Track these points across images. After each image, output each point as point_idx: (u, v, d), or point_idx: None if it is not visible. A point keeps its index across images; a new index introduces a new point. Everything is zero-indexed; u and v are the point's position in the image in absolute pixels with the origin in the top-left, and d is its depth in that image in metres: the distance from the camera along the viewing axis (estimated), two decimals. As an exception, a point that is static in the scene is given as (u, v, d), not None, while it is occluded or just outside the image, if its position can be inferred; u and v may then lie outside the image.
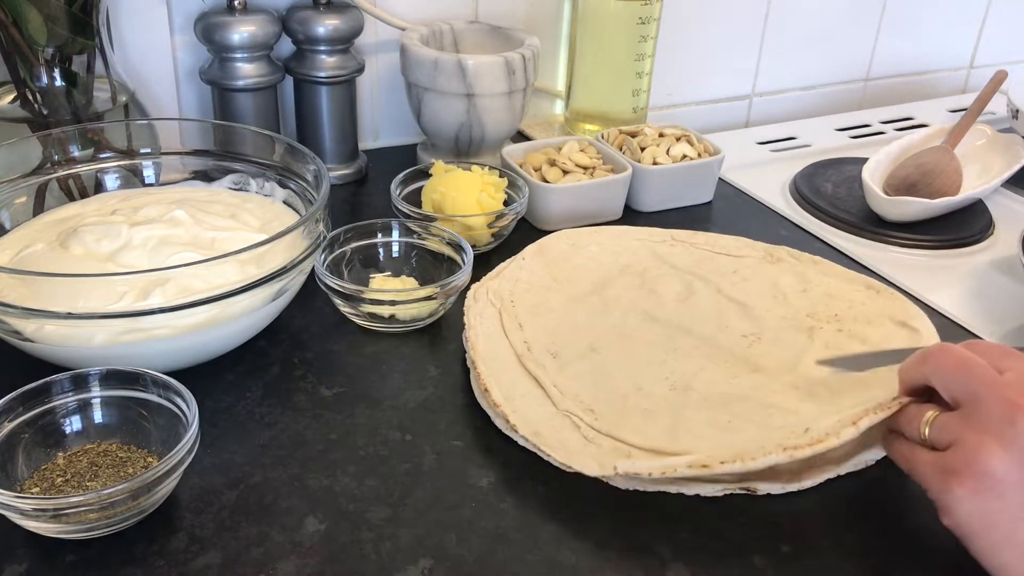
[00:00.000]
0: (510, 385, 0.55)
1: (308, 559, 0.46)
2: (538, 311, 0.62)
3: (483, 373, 0.56)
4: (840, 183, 0.89)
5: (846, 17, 1.11)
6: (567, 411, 0.53)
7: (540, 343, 0.59)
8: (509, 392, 0.55)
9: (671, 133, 0.84)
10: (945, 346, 0.47)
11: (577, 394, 0.55)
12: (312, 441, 0.53)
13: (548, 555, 0.47)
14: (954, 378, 0.45)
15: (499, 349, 0.58)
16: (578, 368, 0.57)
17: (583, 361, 0.58)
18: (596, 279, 0.66)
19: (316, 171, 0.63)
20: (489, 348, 0.58)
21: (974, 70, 1.25)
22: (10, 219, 0.63)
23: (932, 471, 0.45)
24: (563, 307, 0.63)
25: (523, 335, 0.59)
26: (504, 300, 0.62)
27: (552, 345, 0.59)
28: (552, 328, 0.61)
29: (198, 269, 0.53)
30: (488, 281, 0.64)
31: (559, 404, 0.54)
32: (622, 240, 0.71)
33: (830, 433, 0.48)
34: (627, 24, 0.86)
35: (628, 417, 0.53)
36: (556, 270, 0.66)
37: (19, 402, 0.49)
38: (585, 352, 0.59)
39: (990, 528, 0.42)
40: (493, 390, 0.54)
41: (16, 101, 0.68)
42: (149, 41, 0.79)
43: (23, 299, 0.51)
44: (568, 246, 0.69)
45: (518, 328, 0.60)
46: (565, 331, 0.60)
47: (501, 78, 0.79)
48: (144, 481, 0.44)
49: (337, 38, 0.78)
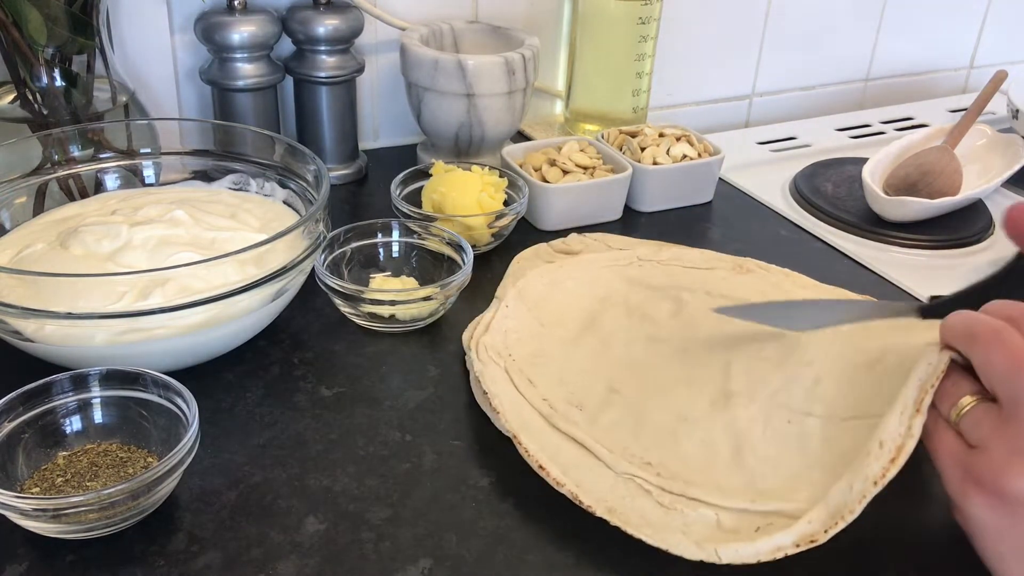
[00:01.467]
0: (555, 453, 0.51)
1: (308, 559, 0.46)
2: (539, 361, 0.58)
3: (532, 450, 0.50)
4: (840, 183, 0.89)
5: (846, 17, 1.11)
6: (627, 474, 0.49)
7: (558, 397, 0.55)
8: (562, 464, 0.50)
9: (671, 133, 0.84)
10: (994, 328, 0.43)
11: (626, 447, 0.51)
12: (312, 441, 0.53)
13: (548, 555, 0.47)
14: (1003, 378, 0.42)
15: (525, 415, 0.54)
16: (611, 417, 0.53)
17: (611, 407, 0.54)
18: (582, 317, 0.62)
19: (316, 171, 0.63)
20: (517, 416, 0.53)
21: (974, 70, 1.25)
22: (10, 219, 0.63)
23: (953, 466, 0.43)
24: (562, 352, 0.59)
25: (538, 392, 0.55)
26: (503, 356, 0.58)
27: (571, 396, 0.55)
28: (562, 378, 0.57)
29: (198, 269, 0.53)
30: (481, 337, 0.59)
31: (615, 466, 0.50)
32: (591, 270, 0.67)
33: (904, 435, 0.44)
34: (627, 24, 0.86)
35: (689, 460, 0.49)
36: (540, 313, 0.62)
37: (19, 402, 0.49)
38: (607, 396, 0.55)
39: (1000, 540, 0.41)
40: (551, 467, 0.49)
41: (16, 101, 0.68)
42: (149, 41, 0.79)
43: (23, 299, 0.51)
44: (545, 286, 0.65)
45: (530, 385, 0.56)
46: (576, 378, 0.57)
47: (501, 78, 0.79)
48: (144, 481, 0.44)
49: (337, 38, 0.78)
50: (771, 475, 0.48)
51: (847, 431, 0.49)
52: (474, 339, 0.59)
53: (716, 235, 0.78)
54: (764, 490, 0.47)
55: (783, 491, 0.47)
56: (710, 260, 0.70)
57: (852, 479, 0.44)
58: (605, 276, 0.67)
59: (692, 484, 0.48)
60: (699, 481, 0.48)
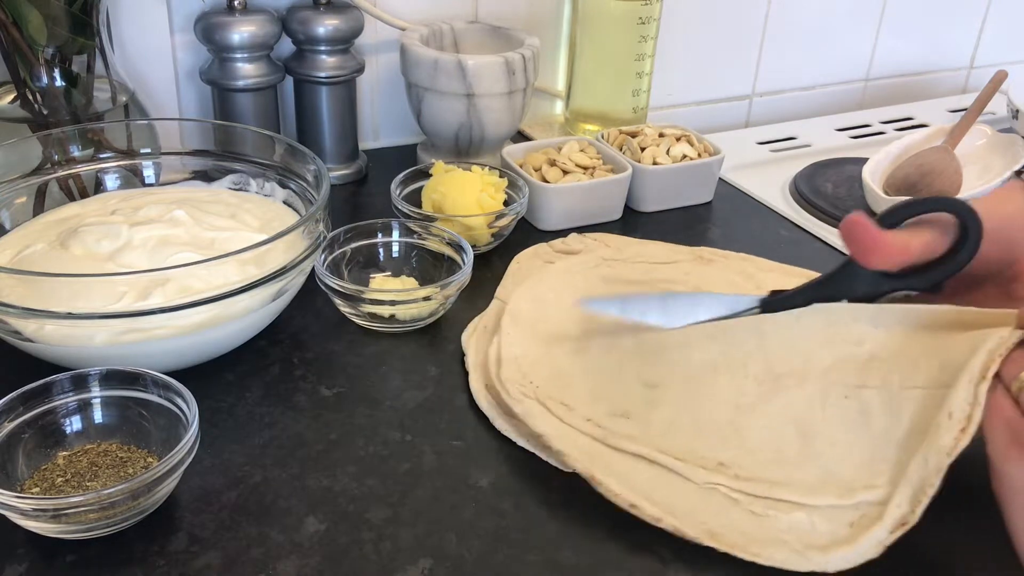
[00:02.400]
0: (627, 477, 0.49)
1: (308, 559, 0.46)
2: (563, 382, 0.56)
3: (620, 490, 0.48)
4: (840, 183, 0.89)
5: (846, 17, 1.11)
6: (708, 483, 0.48)
7: (600, 413, 0.53)
8: (643, 490, 0.48)
9: (671, 133, 0.84)
10: None
11: (692, 450, 0.49)
12: (312, 441, 0.53)
13: (548, 555, 0.47)
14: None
15: (581, 444, 0.51)
16: (662, 417, 0.52)
17: (657, 406, 0.53)
18: (580, 325, 0.60)
19: (316, 171, 0.63)
20: (580, 451, 0.50)
21: (974, 70, 1.25)
22: (10, 219, 0.63)
23: (1003, 429, 0.43)
24: (580, 366, 0.57)
25: (579, 414, 0.53)
26: (528, 386, 0.55)
27: (612, 408, 0.53)
28: (593, 391, 0.55)
29: (198, 269, 0.53)
30: (499, 372, 0.56)
31: (693, 477, 0.48)
32: (565, 279, 0.66)
33: (972, 403, 0.44)
34: (627, 24, 0.86)
35: (759, 453, 0.49)
36: (539, 333, 0.60)
37: (19, 402, 0.49)
38: (647, 394, 0.53)
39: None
40: (643, 504, 0.47)
41: (16, 101, 0.68)
42: (149, 41, 0.79)
43: (23, 299, 0.51)
44: (531, 304, 0.63)
45: (567, 410, 0.53)
46: (607, 387, 0.55)
47: (501, 78, 0.79)
48: (144, 481, 0.44)
49: (337, 38, 0.78)
50: (846, 459, 0.47)
51: (909, 400, 0.48)
52: (495, 376, 0.56)
53: (716, 235, 0.78)
54: (845, 480, 0.47)
55: (864, 477, 0.46)
56: (671, 254, 0.70)
57: (927, 452, 0.44)
58: (579, 281, 0.66)
59: (775, 484, 0.47)
60: (779, 479, 0.47)
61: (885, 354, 0.50)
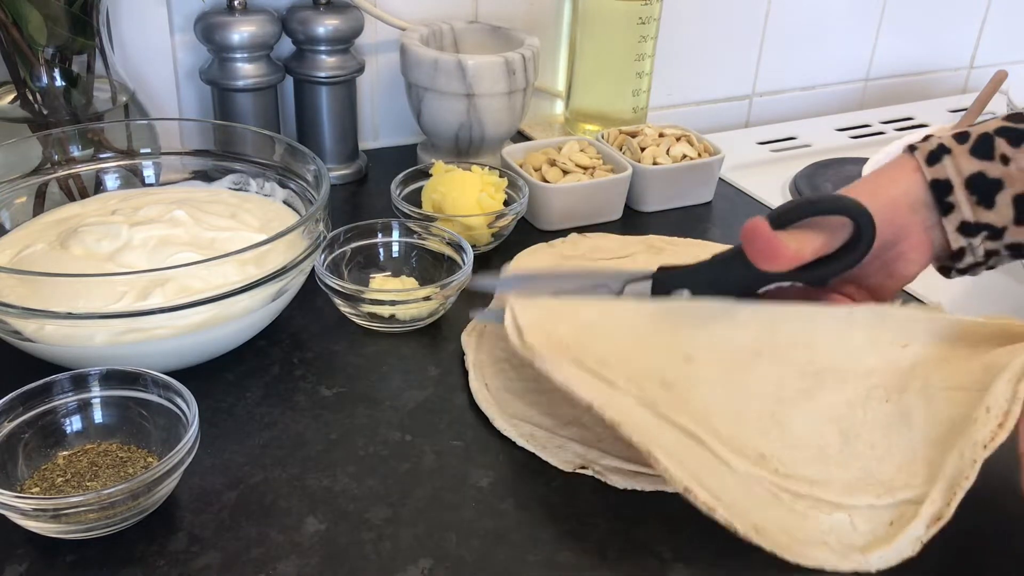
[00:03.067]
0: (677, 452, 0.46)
1: (308, 559, 0.46)
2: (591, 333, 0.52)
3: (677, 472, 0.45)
4: (840, 183, 0.88)
5: (846, 17, 1.11)
6: (750, 475, 0.47)
7: (641, 373, 0.50)
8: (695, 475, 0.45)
9: (671, 133, 0.84)
10: None
11: (733, 436, 0.48)
12: (312, 441, 0.53)
13: (548, 555, 0.47)
14: None
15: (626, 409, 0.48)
16: (702, 394, 0.50)
17: (695, 385, 0.50)
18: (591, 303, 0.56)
19: (316, 171, 0.63)
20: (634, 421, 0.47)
21: (974, 70, 1.25)
22: (10, 219, 0.63)
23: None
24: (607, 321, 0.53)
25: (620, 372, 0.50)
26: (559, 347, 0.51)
27: (650, 372, 0.50)
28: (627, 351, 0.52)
29: (198, 269, 0.53)
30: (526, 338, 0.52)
31: (736, 467, 0.47)
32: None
33: (1011, 399, 0.45)
34: (627, 24, 0.86)
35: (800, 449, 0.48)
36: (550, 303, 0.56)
37: (19, 402, 0.49)
38: (685, 370, 0.51)
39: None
40: (698, 491, 0.45)
41: (16, 101, 0.68)
42: (149, 41, 0.79)
43: (23, 299, 0.51)
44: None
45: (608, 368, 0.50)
46: (641, 350, 0.52)
47: (501, 78, 0.79)
48: (144, 481, 0.44)
49: (337, 38, 0.78)
50: (887, 461, 0.48)
51: (949, 402, 0.48)
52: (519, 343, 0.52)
53: (716, 235, 0.78)
54: (884, 480, 0.47)
55: (903, 477, 0.46)
56: (625, 246, 0.71)
57: (963, 446, 0.45)
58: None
59: (816, 484, 0.47)
60: (820, 477, 0.47)
61: (929, 359, 0.51)
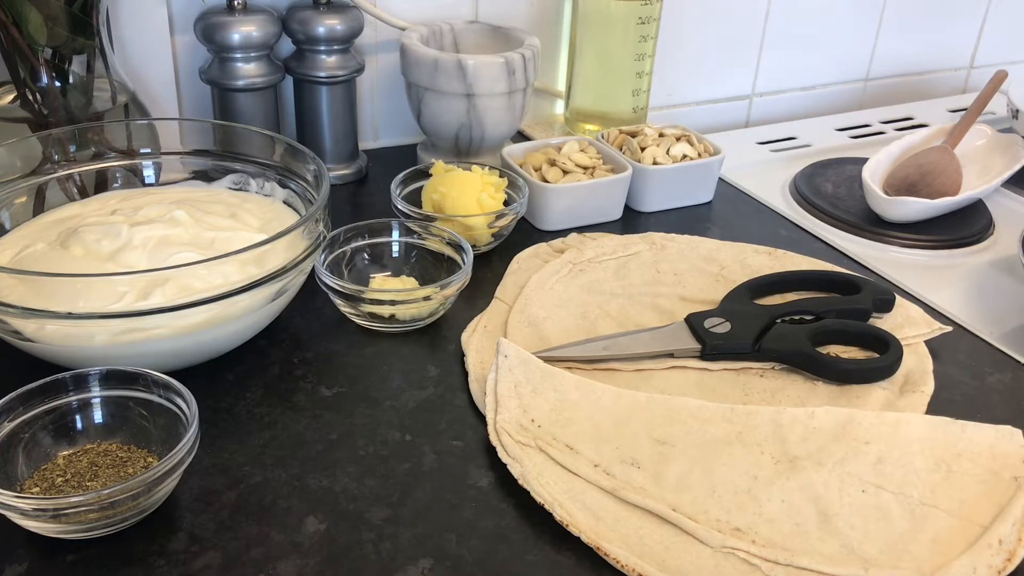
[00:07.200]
0: (639, 541, 0.46)
1: (308, 559, 0.46)
2: (565, 417, 0.53)
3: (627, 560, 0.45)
4: (840, 183, 0.89)
5: (846, 17, 1.11)
6: (725, 548, 0.46)
7: (608, 457, 0.51)
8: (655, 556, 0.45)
9: (671, 133, 0.84)
10: None
11: (707, 511, 0.47)
12: (312, 441, 0.53)
13: (548, 555, 0.47)
14: None
15: (589, 499, 0.49)
16: (675, 472, 0.50)
17: (670, 461, 0.51)
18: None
19: (316, 171, 0.63)
20: (583, 510, 0.48)
21: (974, 70, 1.25)
22: (10, 219, 0.63)
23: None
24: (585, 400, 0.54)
25: (585, 459, 0.50)
26: (529, 429, 0.52)
27: (620, 453, 0.51)
28: (598, 430, 0.52)
29: (198, 269, 0.53)
30: (497, 418, 0.53)
31: (709, 541, 0.46)
32: (544, 292, 0.66)
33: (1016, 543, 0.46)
34: (627, 24, 0.86)
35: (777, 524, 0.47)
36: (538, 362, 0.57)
37: (19, 402, 0.49)
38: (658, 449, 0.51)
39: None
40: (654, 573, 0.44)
41: (16, 101, 0.68)
42: (149, 41, 0.79)
43: (23, 299, 0.51)
44: (527, 327, 0.62)
45: (572, 453, 0.51)
46: (614, 431, 0.53)
47: (501, 78, 0.79)
48: (144, 481, 0.44)
49: (337, 38, 0.78)
50: (867, 542, 0.46)
51: (930, 517, 0.48)
52: (493, 423, 0.53)
53: (716, 235, 0.78)
54: (868, 557, 0.46)
55: (889, 560, 0.46)
56: (628, 244, 0.72)
57: (975, 562, 0.45)
58: (559, 292, 0.66)
59: (795, 552, 0.46)
60: (799, 548, 0.46)
61: (890, 460, 0.51)
